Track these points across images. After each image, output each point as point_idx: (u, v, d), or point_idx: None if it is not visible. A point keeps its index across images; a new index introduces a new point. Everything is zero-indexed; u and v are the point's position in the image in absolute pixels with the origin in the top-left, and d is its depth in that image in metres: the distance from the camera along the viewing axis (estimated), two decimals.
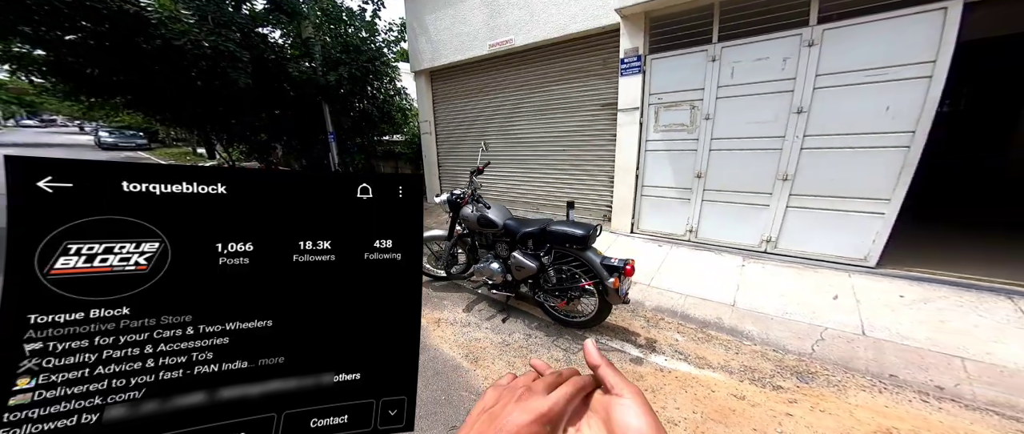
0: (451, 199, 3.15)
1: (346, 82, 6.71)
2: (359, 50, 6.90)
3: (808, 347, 2.18)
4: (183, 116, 7.92)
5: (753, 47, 3.28)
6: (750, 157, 3.42)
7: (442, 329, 2.78)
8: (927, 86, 2.66)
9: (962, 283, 2.64)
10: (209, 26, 5.13)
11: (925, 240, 3.49)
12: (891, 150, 2.84)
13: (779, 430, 1.56)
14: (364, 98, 7.75)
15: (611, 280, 2.18)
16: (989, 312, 2.26)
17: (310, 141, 7.96)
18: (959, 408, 1.60)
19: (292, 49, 6.77)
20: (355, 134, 8.06)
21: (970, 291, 2.53)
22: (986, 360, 1.84)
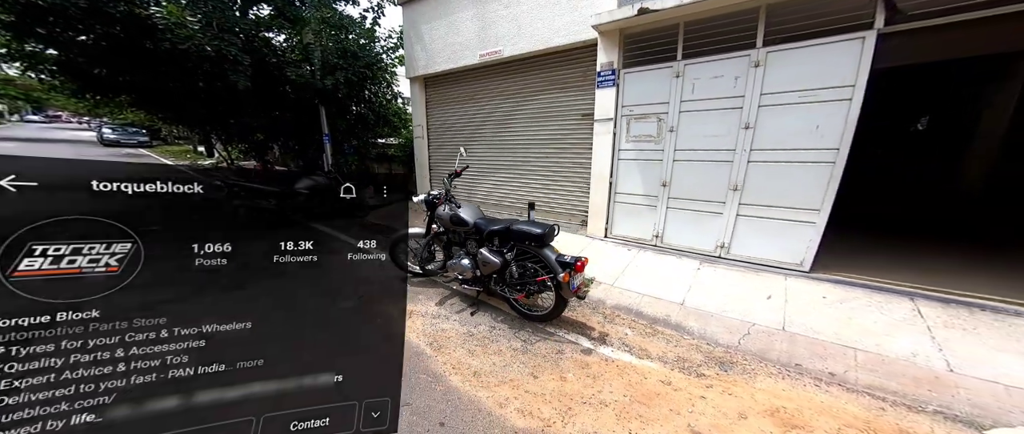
0: (428, 199, 3.38)
1: (343, 86, 6.88)
2: (356, 56, 7.07)
3: (736, 341, 2.45)
4: (184, 115, 8.03)
5: (711, 65, 3.56)
6: (707, 168, 3.70)
7: (413, 320, 2.99)
8: (848, 107, 2.96)
9: (875, 286, 2.95)
10: (213, 31, 5.27)
11: (852, 247, 3.83)
12: (820, 164, 3.13)
13: (691, 410, 1.82)
14: (361, 102, 7.91)
15: (561, 275, 2.42)
16: (890, 311, 2.56)
17: (306, 142, 8.10)
18: (842, 391, 1.88)
19: (293, 53, 6.90)
20: (351, 136, 8.22)
21: (881, 293, 2.84)
22: (874, 351, 2.13)
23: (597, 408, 1.92)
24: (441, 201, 3.31)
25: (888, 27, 2.79)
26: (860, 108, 2.91)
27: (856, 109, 2.91)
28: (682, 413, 1.79)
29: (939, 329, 2.32)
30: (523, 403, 2.01)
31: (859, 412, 1.71)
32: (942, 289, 2.81)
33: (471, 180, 6.41)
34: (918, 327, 2.38)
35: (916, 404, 1.74)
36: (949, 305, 2.60)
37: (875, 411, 1.71)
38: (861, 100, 2.90)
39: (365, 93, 7.96)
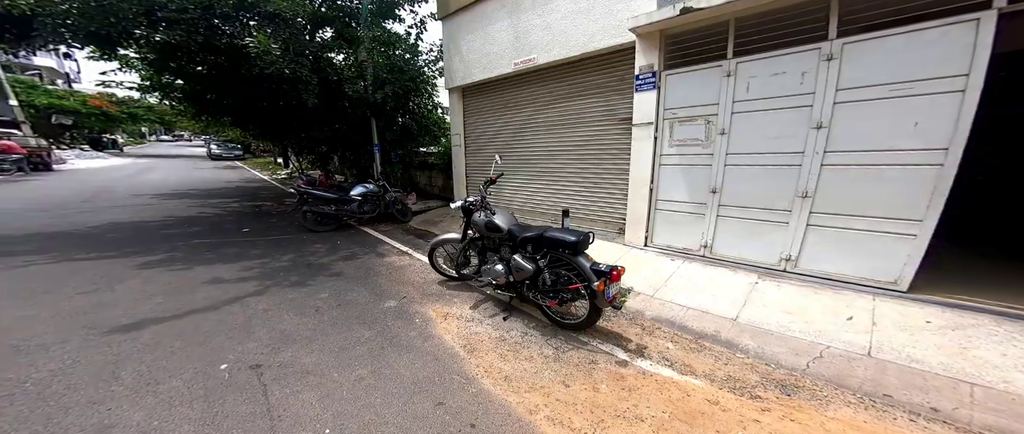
0: (464, 205, 3.44)
1: (391, 99, 7.41)
2: (402, 70, 7.63)
3: (803, 363, 2.11)
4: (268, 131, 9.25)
5: (769, 62, 3.26)
6: (767, 172, 3.35)
7: (448, 322, 3.02)
8: (960, 100, 2.50)
9: (1006, 313, 2.38)
10: (290, 55, 6.06)
11: (965, 265, 3.16)
12: (921, 168, 2.67)
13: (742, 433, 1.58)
14: (406, 113, 8.47)
15: (596, 283, 2.30)
16: (1018, 341, 2.03)
17: (360, 153, 8.83)
18: (947, 428, 1.50)
19: (350, 70, 7.66)
20: (397, 146, 8.80)
21: (1011, 321, 2.28)
22: (999, 387, 1.68)
23: (632, 423, 1.74)
24: (477, 207, 3.36)
25: (1012, 5, 2.34)
26: (977, 102, 2.44)
27: (972, 103, 2.45)
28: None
29: None
30: (553, 411, 1.90)
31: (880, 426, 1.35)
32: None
33: (506, 186, 6.47)
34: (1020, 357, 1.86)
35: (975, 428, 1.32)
36: None
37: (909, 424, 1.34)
38: (978, 92, 2.44)
39: (409, 104, 8.48)
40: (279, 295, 3.57)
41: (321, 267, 4.49)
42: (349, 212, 6.42)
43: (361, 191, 6.48)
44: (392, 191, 6.89)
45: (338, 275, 4.21)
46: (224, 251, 5.03)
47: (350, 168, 9.53)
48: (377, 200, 6.68)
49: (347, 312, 3.23)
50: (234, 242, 5.50)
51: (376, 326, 2.97)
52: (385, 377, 2.28)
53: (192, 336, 2.74)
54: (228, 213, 7.70)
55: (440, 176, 9.03)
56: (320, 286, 3.85)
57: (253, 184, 13.32)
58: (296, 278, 4.08)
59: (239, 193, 10.96)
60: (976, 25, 2.43)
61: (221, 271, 4.21)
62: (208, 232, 6.00)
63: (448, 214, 7.43)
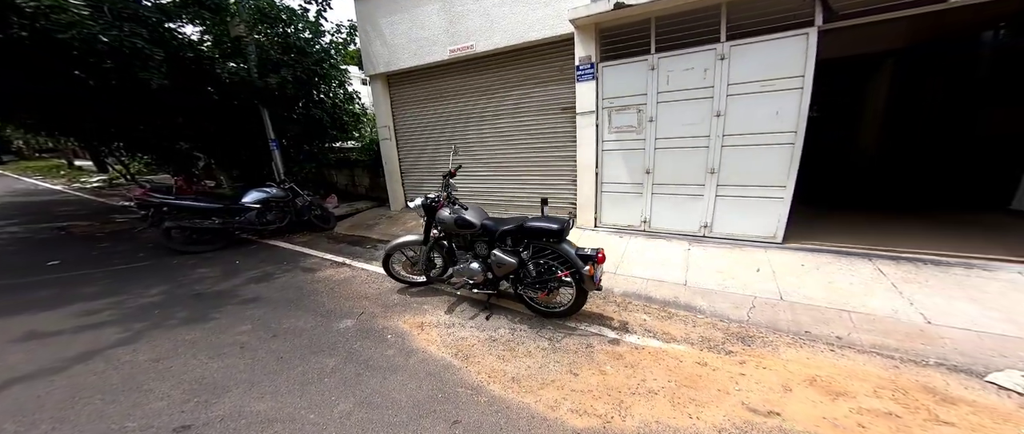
0: (426, 203, 3.18)
1: (290, 85, 6.11)
2: (304, 52, 6.32)
3: (744, 315, 2.67)
4: (68, 122, 6.54)
5: (682, 58, 3.77)
6: (686, 154, 3.94)
7: (427, 333, 2.83)
8: (800, 95, 3.31)
9: (838, 251, 3.40)
10: (107, 18, 4.34)
11: (807, 217, 4.35)
12: (783, 146, 3.48)
13: (738, 388, 1.94)
14: (310, 103, 7.12)
15: (586, 268, 2.44)
16: (858, 272, 2.97)
17: (246, 150, 7.07)
18: (855, 353, 2.13)
19: (216, 47, 5.95)
20: (303, 141, 7.39)
21: (844, 257, 3.28)
22: (863, 311, 2.45)
23: (648, 397, 1.96)
24: (441, 204, 3.14)
25: (826, 24, 3.16)
26: (810, 95, 3.27)
27: (807, 96, 3.27)
28: (730, 392, 1.90)
29: (901, 285, 2.73)
30: (574, 403, 1.99)
31: (881, 372, 1.95)
32: (887, 248, 3.31)
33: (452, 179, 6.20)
34: (885, 284, 2.78)
35: (920, 358, 2.02)
36: (899, 262, 3.08)
37: (891, 370, 1.96)
38: (810, 88, 3.26)
39: (314, 93, 7.22)
40: (168, 338, 2.83)
41: (222, 295, 3.65)
42: (244, 224, 5.26)
43: (259, 197, 5.34)
44: (304, 195, 5.86)
45: (255, 301, 3.50)
46: (28, 296, 3.67)
47: (229, 170, 7.62)
48: (285, 207, 5.61)
49: (290, 342, 2.75)
50: (42, 281, 4.07)
51: (338, 352, 2.60)
52: (378, 406, 2.05)
53: (37, 411, 2.00)
54: (9, 242, 5.60)
55: (366, 174, 8.04)
56: (233, 318, 3.16)
57: (39, 198, 9.81)
58: (185, 314, 3.25)
59: (18, 212, 7.96)
60: (806, 37, 3.22)
61: (38, 322, 3.10)
62: None
63: (383, 216, 6.74)
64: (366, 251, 4.95)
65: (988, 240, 3.37)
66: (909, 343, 2.11)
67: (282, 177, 6.09)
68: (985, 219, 4.08)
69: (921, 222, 4.08)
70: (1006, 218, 4.11)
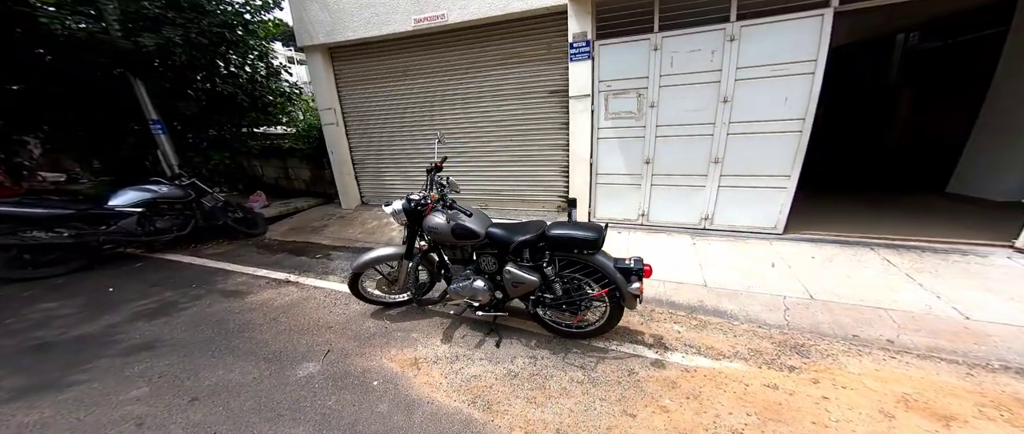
0: (408, 207, 2.50)
1: (180, 50, 4.69)
2: (200, 9, 4.90)
3: (781, 318, 2.46)
4: None
5: (688, 38, 3.47)
6: (689, 142, 3.70)
7: (426, 373, 2.23)
8: (812, 80, 3.20)
9: (839, 241, 3.41)
10: None
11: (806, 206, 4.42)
12: (790, 134, 3.38)
13: (833, 419, 1.66)
14: (216, 76, 5.65)
15: (636, 286, 2.02)
16: (868, 264, 2.96)
17: (113, 132, 5.33)
18: (916, 359, 1.99)
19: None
20: (207, 124, 5.89)
21: (849, 246, 3.29)
22: (897, 308, 2.37)
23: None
24: (429, 208, 2.49)
25: (843, 6, 3.04)
26: (821, 81, 3.16)
27: (819, 82, 3.16)
28: (828, 425, 1.62)
29: (916, 275, 2.74)
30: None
31: (963, 383, 1.76)
32: (880, 236, 3.38)
33: (413, 170, 5.41)
34: (900, 276, 2.77)
35: (983, 361, 1.90)
36: (900, 250, 3.13)
37: (968, 379, 1.79)
38: (822, 73, 3.15)
39: (221, 64, 5.73)
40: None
41: (90, 343, 2.65)
42: (117, 235, 4.00)
43: (138, 198, 4.08)
44: (214, 192, 4.68)
45: (152, 347, 2.58)
46: None
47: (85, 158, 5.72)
48: (185, 209, 4.42)
49: (224, 408, 1.99)
50: None
51: (306, 416, 1.92)
52: None
53: None
54: None
55: (305, 165, 6.78)
56: (115, 378, 2.26)
57: None
58: (23, 380, 2.24)
59: None
60: (821, 19, 3.09)
61: None
62: None
63: (333, 215, 5.71)
64: (316, 262, 4.07)
65: (955, 223, 3.61)
66: (962, 344, 2.04)
67: (177, 170, 4.77)
68: (934, 202, 4.48)
69: (889, 207, 4.33)
70: (946, 201, 4.55)
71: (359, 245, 4.46)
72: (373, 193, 5.92)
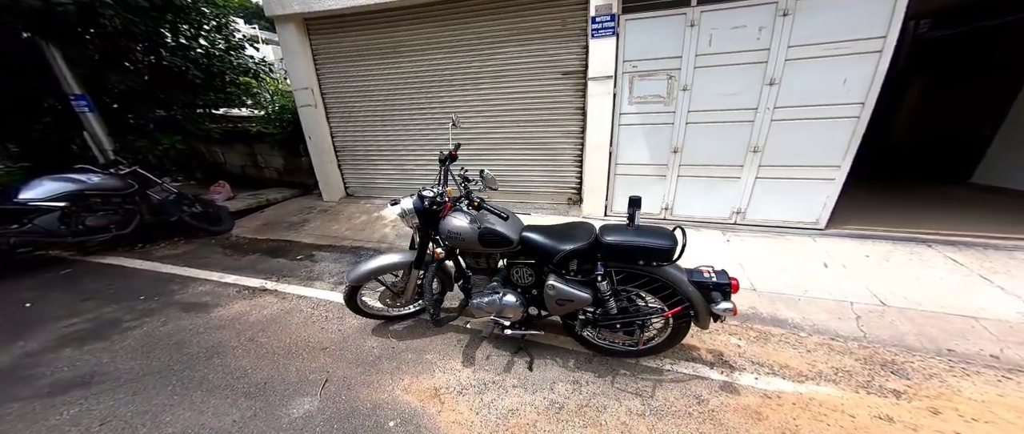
0: (420, 205, 2.03)
1: (110, 10, 3.89)
2: None
3: (856, 329, 2.16)
4: None
5: (731, 14, 3.08)
6: (725, 129, 3.34)
7: (452, 407, 1.81)
8: (878, 60, 2.85)
9: (889, 237, 3.15)
10: None
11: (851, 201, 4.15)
12: (846, 120, 3.05)
13: None
14: (161, 47, 4.86)
15: (725, 306, 1.64)
16: (931, 263, 2.70)
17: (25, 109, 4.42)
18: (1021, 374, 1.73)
19: None
20: (152, 103, 5.09)
21: (903, 243, 3.03)
22: (986, 316, 2.10)
23: None
24: (447, 208, 2.04)
25: None
26: (890, 60, 2.82)
27: (886, 62, 2.82)
28: None
29: (992, 276, 2.49)
30: None
31: None
32: (932, 230, 3.13)
33: (409, 157, 4.89)
34: (973, 277, 2.51)
35: None
36: (960, 248, 2.89)
37: None
38: (891, 53, 2.81)
39: (168, 34, 4.91)
40: None
41: None
42: (33, 236, 3.32)
43: (58, 189, 3.39)
44: (163, 183, 4.05)
45: (88, 383, 2.06)
46: None
47: None
48: (126, 202, 3.79)
49: None
50: None
51: None
52: None
53: None
54: None
55: (277, 153, 6.10)
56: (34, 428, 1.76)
57: None
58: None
59: None
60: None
61: None
62: None
63: (313, 208, 5.12)
64: (297, 264, 3.55)
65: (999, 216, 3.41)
66: None
67: (113, 156, 4.08)
68: (961, 193, 4.31)
69: (919, 198, 4.13)
70: (972, 191, 4.40)
71: (347, 244, 3.95)
72: (360, 184, 5.36)
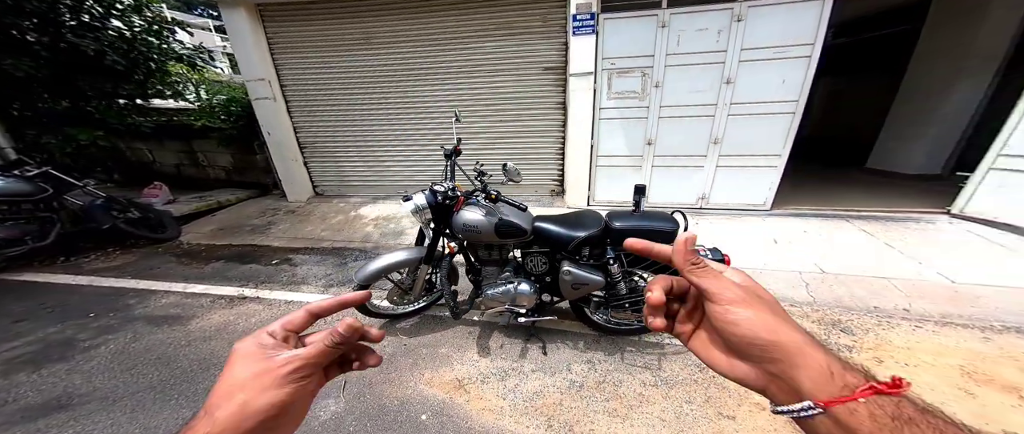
0: (434, 202, 2.05)
1: None
2: None
3: (807, 295, 2.57)
4: None
5: (696, 17, 3.39)
6: (691, 123, 3.70)
7: (479, 395, 1.89)
8: (808, 63, 3.35)
9: (819, 214, 3.75)
10: None
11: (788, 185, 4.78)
12: (784, 115, 3.55)
13: None
14: (60, 26, 4.07)
15: None
16: (850, 235, 3.29)
17: None
18: (936, 326, 2.16)
19: None
20: (55, 93, 4.28)
21: (828, 220, 3.62)
22: (896, 276, 2.62)
23: None
24: (460, 202, 2.07)
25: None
26: (817, 64, 3.32)
27: (814, 65, 3.32)
28: None
29: (894, 243, 3.09)
30: None
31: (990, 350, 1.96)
32: (848, 208, 3.79)
33: (388, 152, 4.70)
34: (880, 245, 3.10)
35: (988, 323, 2.15)
36: (869, 221, 3.53)
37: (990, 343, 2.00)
38: (817, 58, 3.31)
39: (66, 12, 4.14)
40: None
41: None
42: None
43: None
44: (84, 186, 3.54)
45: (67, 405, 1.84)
46: None
47: None
48: (39, 209, 3.29)
49: None
50: None
51: None
52: None
53: None
54: None
55: (225, 150, 5.46)
56: None
57: None
58: None
59: None
60: (822, 3, 3.18)
61: None
62: None
63: (277, 209, 4.75)
64: (275, 270, 3.32)
65: (893, 194, 4.21)
66: (965, 308, 2.31)
67: (15, 155, 3.49)
68: (860, 176, 5.22)
69: (832, 181, 4.92)
70: (869, 175, 5.35)
71: (327, 245, 3.75)
72: (331, 182, 5.05)
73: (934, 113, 4.79)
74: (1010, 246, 3.02)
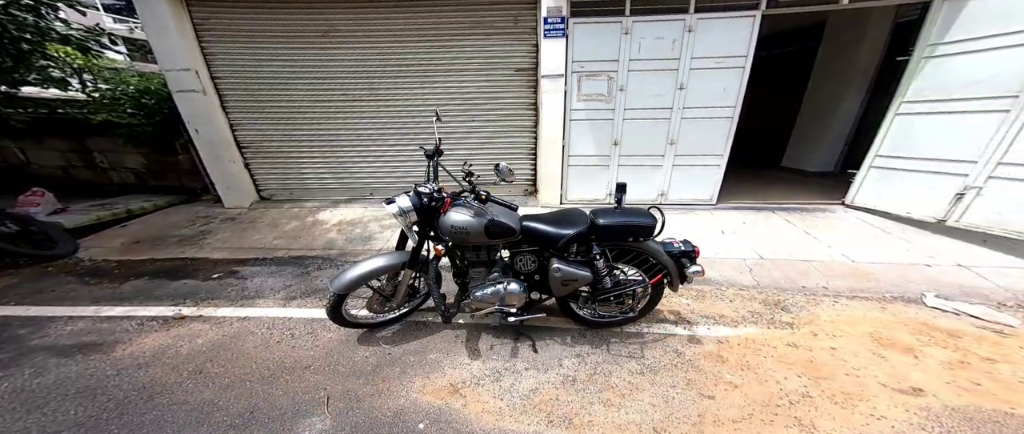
0: (418, 202, 1.97)
1: None
2: None
3: (751, 279, 2.94)
4: None
5: (654, 25, 3.63)
6: (652, 125, 3.97)
7: (476, 398, 1.88)
8: (742, 73, 3.78)
9: (753, 207, 4.28)
10: None
11: None
12: (725, 120, 3.97)
13: (855, 368, 2.05)
14: None
15: (695, 269, 2.07)
16: (777, 225, 3.81)
17: None
18: (847, 300, 2.63)
19: None
20: None
21: (760, 212, 4.15)
22: (814, 259, 3.11)
23: (807, 403, 1.81)
24: (447, 203, 2.02)
25: (769, 10, 3.62)
26: (749, 75, 3.75)
27: (747, 75, 3.75)
28: (857, 375, 2.01)
29: (810, 231, 3.64)
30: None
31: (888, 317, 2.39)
32: (772, 201, 4.37)
33: (350, 156, 4.35)
34: (799, 232, 3.64)
35: (879, 296, 2.65)
36: (790, 212, 4.10)
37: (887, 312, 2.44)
38: (750, 68, 3.74)
39: None
40: None
41: None
42: None
43: None
44: None
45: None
46: None
47: None
48: None
49: None
50: None
51: None
52: None
53: None
54: None
55: (134, 149, 4.62)
56: None
57: None
58: None
59: None
60: (753, 20, 3.62)
61: None
62: None
63: (211, 217, 4.18)
64: (219, 284, 2.94)
65: (801, 188, 4.95)
66: (864, 283, 2.81)
67: None
68: (777, 174, 6.04)
69: (757, 178, 5.63)
70: (784, 173, 6.21)
71: (283, 254, 3.40)
72: (281, 186, 4.55)
73: (828, 119, 5.71)
74: (887, 229, 3.73)
